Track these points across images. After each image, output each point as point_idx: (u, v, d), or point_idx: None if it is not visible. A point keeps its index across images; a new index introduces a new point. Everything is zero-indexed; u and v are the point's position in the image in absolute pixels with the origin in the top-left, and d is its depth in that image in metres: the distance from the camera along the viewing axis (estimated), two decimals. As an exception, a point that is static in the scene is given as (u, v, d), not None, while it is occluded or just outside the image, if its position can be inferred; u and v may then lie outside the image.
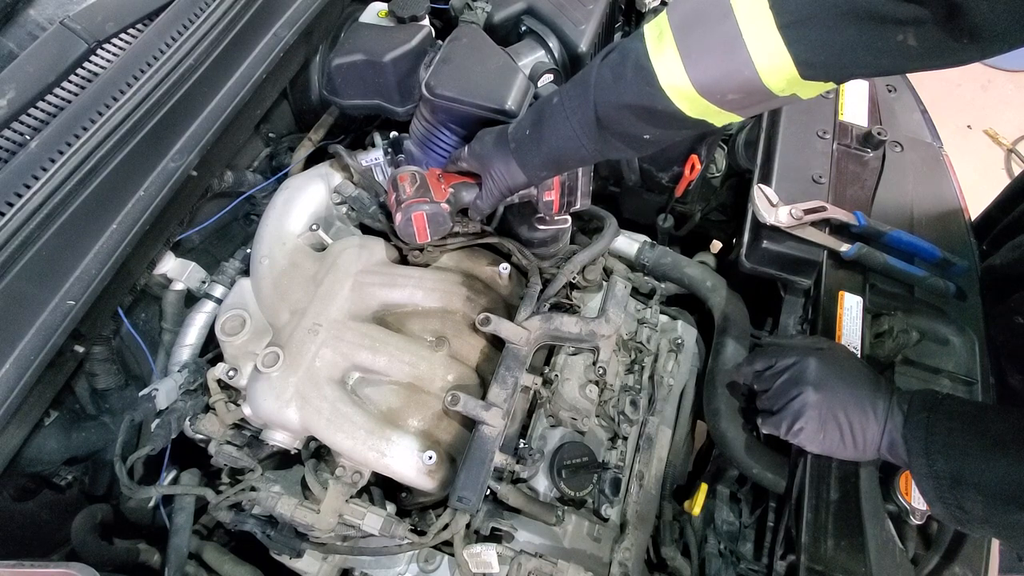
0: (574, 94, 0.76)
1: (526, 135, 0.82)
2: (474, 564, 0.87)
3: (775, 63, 0.60)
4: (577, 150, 0.79)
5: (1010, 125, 3.05)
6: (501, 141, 0.86)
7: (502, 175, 0.86)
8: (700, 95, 0.65)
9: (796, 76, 0.60)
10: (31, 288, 0.77)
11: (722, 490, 1.05)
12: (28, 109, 0.83)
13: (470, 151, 0.91)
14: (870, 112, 1.21)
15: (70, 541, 0.87)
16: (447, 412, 0.94)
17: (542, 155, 0.82)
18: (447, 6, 1.23)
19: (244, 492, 0.92)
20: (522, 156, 0.83)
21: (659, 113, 0.69)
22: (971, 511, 0.67)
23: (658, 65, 0.66)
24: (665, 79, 0.66)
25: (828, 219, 1.03)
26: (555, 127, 0.78)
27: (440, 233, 0.92)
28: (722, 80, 0.64)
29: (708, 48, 0.63)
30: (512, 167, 0.84)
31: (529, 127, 0.82)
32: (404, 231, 0.90)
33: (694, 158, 1.24)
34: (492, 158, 0.86)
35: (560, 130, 0.78)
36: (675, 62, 0.65)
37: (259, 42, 1.03)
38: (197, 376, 0.96)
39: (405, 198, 0.89)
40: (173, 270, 1.01)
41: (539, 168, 0.84)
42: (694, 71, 0.64)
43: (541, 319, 0.99)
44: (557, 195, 0.95)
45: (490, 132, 0.89)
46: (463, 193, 0.93)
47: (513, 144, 0.83)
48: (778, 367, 0.83)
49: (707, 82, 0.64)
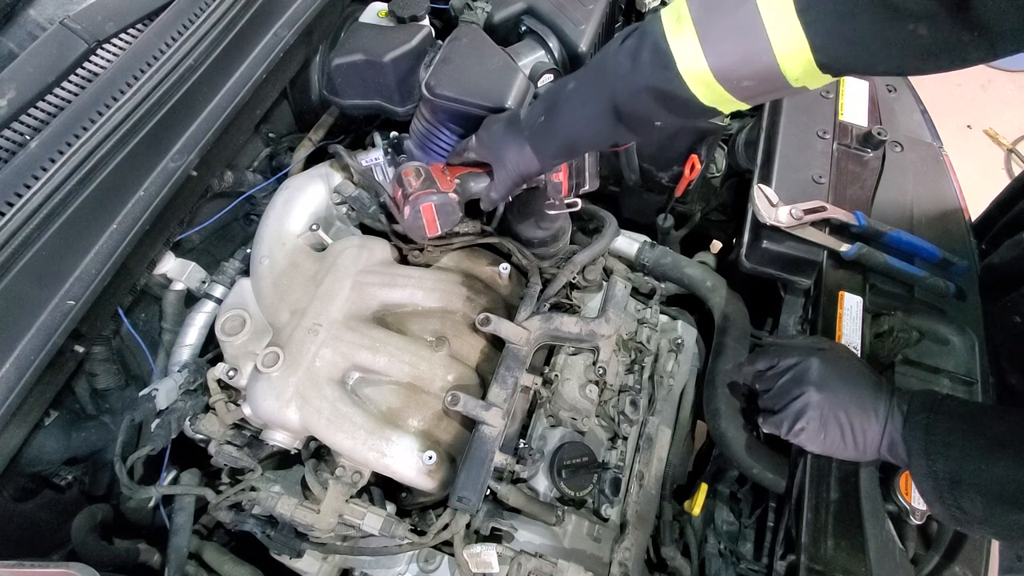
0: (590, 79, 0.76)
1: (540, 122, 0.81)
2: (474, 564, 0.87)
3: (793, 49, 0.60)
4: (593, 135, 0.79)
5: (1010, 125, 3.05)
6: (512, 129, 0.85)
7: (515, 163, 0.85)
8: (717, 81, 0.65)
9: (812, 63, 0.60)
10: (31, 288, 0.77)
11: (722, 490, 1.05)
12: (28, 109, 0.83)
13: (479, 140, 0.90)
14: (870, 112, 1.21)
15: (70, 541, 0.87)
16: (447, 412, 0.94)
17: (558, 141, 0.81)
18: (447, 6, 1.23)
19: (244, 492, 0.92)
20: (537, 143, 0.83)
21: (674, 99, 0.69)
22: (970, 511, 0.67)
23: (676, 48, 0.66)
24: (683, 63, 0.66)
25: (828, 219, 1.03)
26: (571, 112, 0.78)
27: (450, 224, 0.90)
28: (740, 65, 0.64)
29: (727, 31, 0.63)
30: (526, 154, 0.84)
31: (543, 113, 0.81)
32: (413, 224, 0.89)
33: (694, 158, 1.24)
34: (504, 146, 0.86)
35: (576, 115, 0.78)
36: (694, 45, 0.64)
37: (259, 42, 1.03)
38: (197, 376, 0.96)
39: (412, 191, 0.87)
40: (173, 270, 1.01)
41: (554, 154, 0.84)
42: (712, 55, 0.64)
43: (541, 319, 0.99)
44: (566, 177, 0.94)
45: (497, 120, 0.89)
46: (471, 183, 0.91)
47: (527, 131, 0.83)
48: (780, 367, 0.83)
49: (725, 67, 0.64)
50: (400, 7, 1.12)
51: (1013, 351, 0.98)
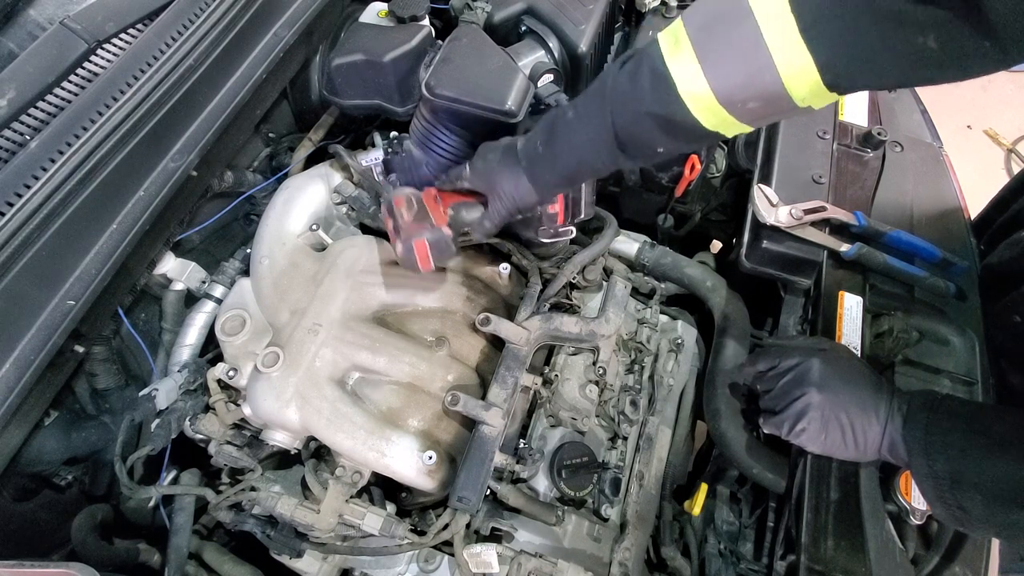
0: (589, 105, 0.74)
1: (539, 152, 0.79)
2: (474, 564, 0.87)
3: (798, 68, 0.58)
4: (593, 164, 0.77)
5: (1010, 125, 3.05)
6: (508, 158, 0.82)
7: (511, 193, 0.82)
8: (720, 104, 0.63)
9: (819, 83, 0.59)
10: (31, 288, 0.77)
11: (722, 490, 1.05)
12: (28, 109, 0.83)
13: (473, 169, 0.86)
14: (870, 112, 1.21)
15: (70, 541, 0.87)
16: (447, 412, 0.94)
17: (556, 171, 0.79)
18: (447, 6, 1.23)
19: (244, 492, 0.92)
20: (535, 173, 0.80)
21: (675, 124, 0.67)
22: (971, 511, 0.67)
23: (675, 71, 0.64)
24: (683, 85, 0.64)
25: (828, 219, 1.03)
26: (570, 141, 0.76)
27: (444, 260, 0.88)
28: (743, 87, 0.62)
29: (728, 52, 0.61)
30: (522, 185, 0.81)
31: (542, 144, 0.78)
32: (406, 260, 0.87)
33: (694, 158, 1.24)
34: (499, 177, 0.83)
35: (576, 143, 0.75)
36: (693, 66, 0.63)
37: (259, 42, 1.03)
38: (197, 376, 0.96)
39: (403, 225, 0.85)
40: (173, 270, 1.01)
41: (553, 185, 0.82)
42: (713, 77, 0.62)
43: (541, 319, 0.99)
44: (561, 207, 0.93)
45: (493, 149, 0.85)
46: (463, 213, 0.89)
47: (525, 162, 0.80)
48: (781, 368, 0.83)
49: (727, 89, 0.62)
50: (400, 7, 1.12)
51: (1013, 351, 0.98)
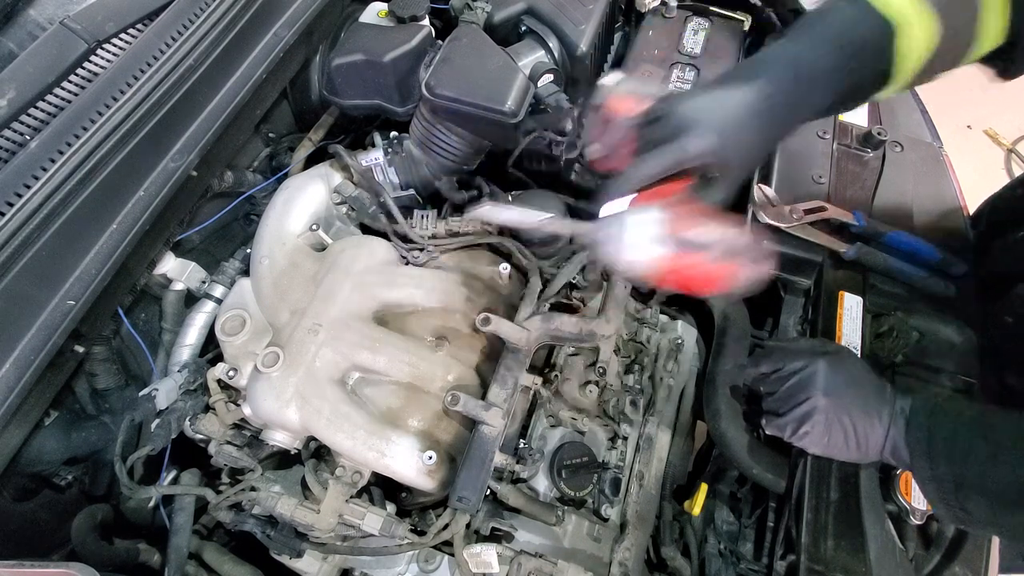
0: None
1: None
2: (474, 564, 0.87)
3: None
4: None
5: (1010, 125, 3.05)
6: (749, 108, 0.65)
7: (750, 139, 0.66)
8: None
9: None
10: (31, 288, 0.77)
11: (722, 490, 1.04)
12: (28, 109, 0.83)
13: (712, 150, 0.64)
14: (870, 112, 1.21)
15: (70, 541, 0.87)
16: (447, 412, 0.94)
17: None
18: (447, 6, 1.23)
19: (244, 492, 0.92)
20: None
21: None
22: (975, 513, 0.67)
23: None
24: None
25: (828, 219, 1.03)
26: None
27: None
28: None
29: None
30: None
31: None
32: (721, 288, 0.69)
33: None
34: (740, 129, 0.65)
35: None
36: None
37: (259, 42, 1.03)
38: (197, 376, 0.96)
39: (710, 250, 0.66)
40: (173, 270, 1.01)
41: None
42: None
43: (541, 319, 0.98)
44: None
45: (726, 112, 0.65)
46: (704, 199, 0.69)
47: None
48: (786, 371, 0.82)
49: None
50: (400, 7, 1.12)
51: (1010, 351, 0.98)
